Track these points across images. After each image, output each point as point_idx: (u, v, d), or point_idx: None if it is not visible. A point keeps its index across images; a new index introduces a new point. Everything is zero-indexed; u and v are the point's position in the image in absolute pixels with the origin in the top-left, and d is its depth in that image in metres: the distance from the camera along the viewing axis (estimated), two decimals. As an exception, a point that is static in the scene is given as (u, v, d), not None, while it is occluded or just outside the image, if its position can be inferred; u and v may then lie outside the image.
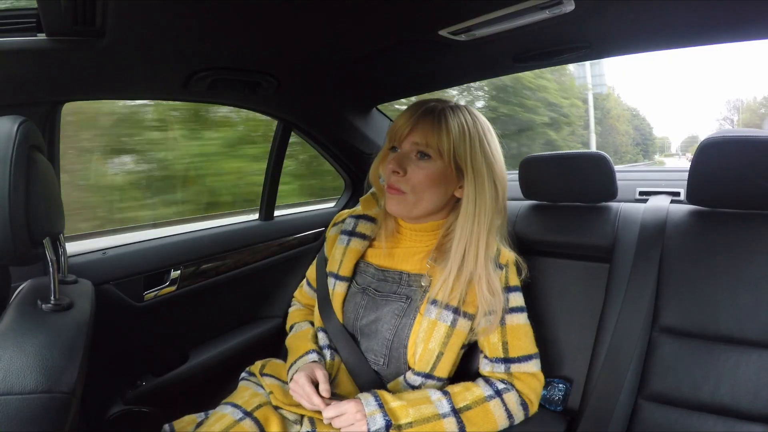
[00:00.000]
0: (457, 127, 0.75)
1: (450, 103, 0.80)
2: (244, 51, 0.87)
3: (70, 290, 0.66)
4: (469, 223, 0.76)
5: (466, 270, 0.76)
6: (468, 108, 0.80)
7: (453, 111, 0.77)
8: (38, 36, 0.69)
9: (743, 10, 0.76)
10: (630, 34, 0.88)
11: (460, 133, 0.75)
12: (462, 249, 0.76)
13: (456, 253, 0.76)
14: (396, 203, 0.80)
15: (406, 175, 0.78)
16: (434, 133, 0.75)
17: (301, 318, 0.98)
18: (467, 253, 0.76)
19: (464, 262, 0.76)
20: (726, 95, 47.46)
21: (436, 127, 0.76)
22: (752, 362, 0.77)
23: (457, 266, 0.76)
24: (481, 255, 0.76)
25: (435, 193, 0.78)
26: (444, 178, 0.78)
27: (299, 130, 1.36)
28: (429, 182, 0.77)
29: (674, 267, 0.88)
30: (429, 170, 0.77)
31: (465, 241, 0.76)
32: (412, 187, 0.78)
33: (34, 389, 0.46)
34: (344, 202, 1.65)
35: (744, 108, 23.02)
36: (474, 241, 0.76)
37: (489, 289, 0.76)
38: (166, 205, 2.14)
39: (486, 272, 0.77)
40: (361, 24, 0.81)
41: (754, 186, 0.83)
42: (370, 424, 0.68)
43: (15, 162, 0.50)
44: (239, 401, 0.80)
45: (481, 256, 0.76)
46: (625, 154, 24.43)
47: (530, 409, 0.80)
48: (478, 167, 0.76)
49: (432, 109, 0.77)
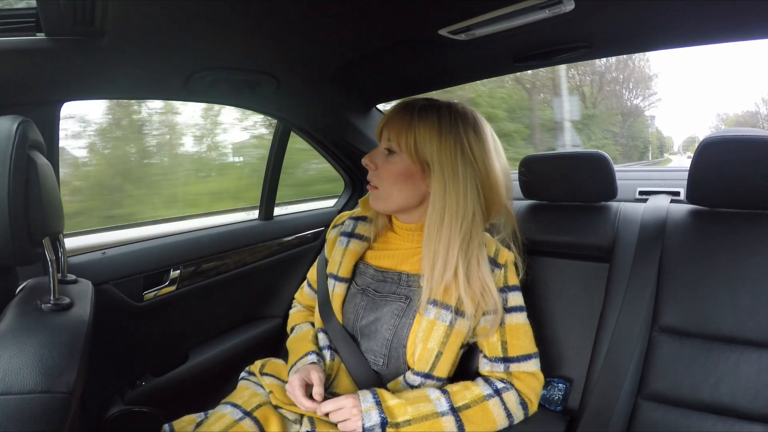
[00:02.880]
0: (423, 123, 0.76)
1: (435, 101, 0.80)
2: (244, 51, 0.87)
3: (70, 290, 0.66)
4: (437, 221, 0.75)
5: (438, 268, 0.75)
6: (452, 105, 0.79)
7: (425, 108, 0.77)
8: (38, 36, 0.69)
9: (743, 10, 0.76)
10: (630, 33, 0.88)
11: (426, 129, 0.75)
12: (432, 247, 0.75)
13: (427, 250, 0.76)
14: (373, 198, 0.83)
15: (377, 169, 0.81)
16: (401, 130, 0.77)
17: (301, 319, 0.98)
18: (437, 252, 0.75)
19: (435, 260, 0.75)
20: (715, 107, 49.12)
21: (404, 123, 0.77)
22: (752, 362, 0.77)
23: (430, 266, 0.75)
24: (452, 254, 0.74)
25: (402, 188, 0.79)
26: (409, 173, 0.78)
27: (299, 130, 1.36)
28: (394, 177, 0.79)
29: (674, 267, 0.88)
30: (394, 166, 0.79)
31: (435, 240, 0.75)
32: (381, 181, 0.80)
33: (33, 389, 0.46)
34: (344, 201, 1.65)
35: (728, 120, 24.84)
36: (444, 239, 0.74)
37: (482, 291, 0.76)
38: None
39: (469, 271, 0.76)
40: (361, 24, 0.81)
41: (753, 185, 0.83)
42: (365, 421, 0.68)
43: (15, 162, 0.50)
44: (239, 401, 0.80)
45: (452, 255, 0.74)
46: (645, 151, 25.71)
47: (530, 409, 0.79)
48: (445, 164, 0.75)
49: (405, 107, 0.79)
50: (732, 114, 26.22)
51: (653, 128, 21.97)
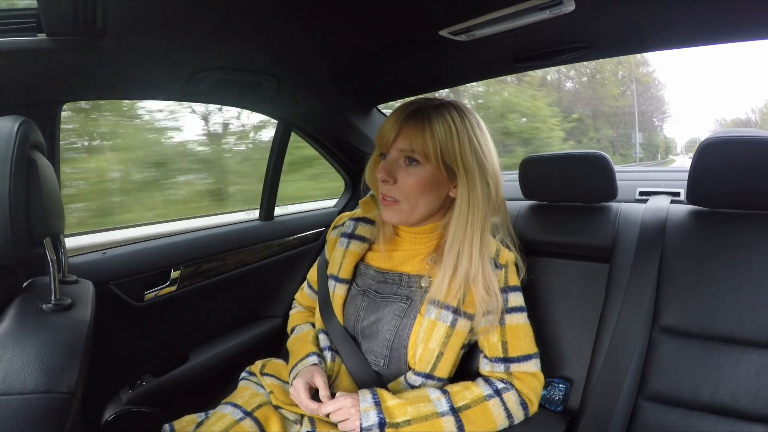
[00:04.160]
0: (442, 127, 0.74)
1: (435, 101, 0.78)
2: (244, 51, 0.87)
3: (71, 290, 0.66)
4: (463, 223, 0.75)
5: (462, 269, 0.75)
6: (455, 104, 0.78)
7: (437, 110, 0.75)
8: (39, 36, 0.69)
9: (743, 11, 0.76)
10: (630, 34, 0.88)
11: (446, 133, 0.74)
12: (456, 249, 0.75)
13: (450, 253, 0.76)
14: (392, 213, 0.79)
15: (397, 183, 0.77)
16: (419, 137, 0.74)
17: (302, 320, 0.98)
18: (461, 253, 0.75)
19: (459, 261, 0.75)
20: (714, 112, 50.92)
21: (420, 130, 0.74)
22: (752, 362, 0.77)
23: (452, 266, 0.75)
24: (476, 254, 0.75)
25: (429, 197, 0.77)
26: (436, 181, 0.77)
27: (299, 130, 1.36)
28: (421, 188, 0.76)
29: (674, 267, 0.88)
30: (419, 175, 0.75)
31: (459, 241, 0.75)
32: (405, 194, 0.77)
33: (34, 389, 0.46)
34: (344, 202, 1.65)
35: (726, 125, 28.50)
36: (468, 241, 0.75)
37: (485, 289, 0.76)
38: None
39: (483, 271, 0.76)
40: (361, 24, 0.81)
41: (754, 186, 0.83)
42: (363, 421, 0.68)
43: (15, 162, 0.50)
44: (239, 401, 0.80)
45: (476, 255, 0.75)
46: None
47: (530, 409, 0.79)
48: (468, 165, 0.74)
49: (416, 112, 0.76)
50: (729, 119, 29.66)
51: (662, 135, 29.20)
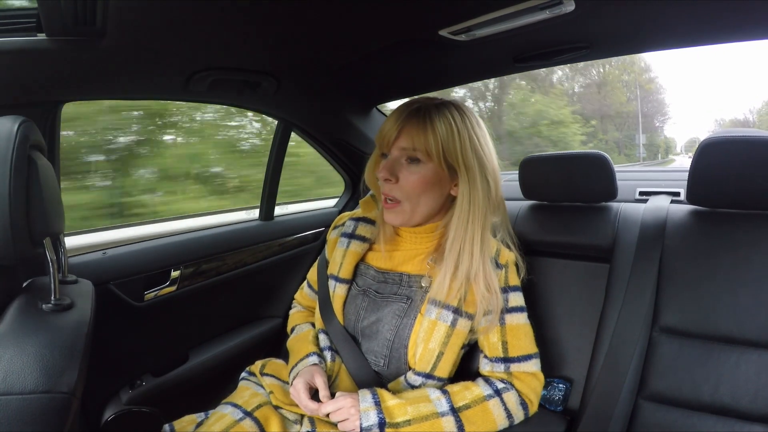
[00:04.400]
0: (443, 126, 0.74)
1: (436, 100, 0.79)
2: (244, 51, 0.87)
3: (71, 290, 0.66)
4: (464, 221, 0.75)
5: (463, 268, 0.75)
6: (455, 103, 0.79)
7: (438, 109, 0.76)
8: (38, 36, 0.69)
9: (743, 11, 0.76)
10: (630, 34, 0.88)
11: (447, 131, 0.74)
12: (457, 247, 0.76)
13: (451, 251, 0.76)
14: (394, 215, 0.79)
15: (399, 182, 0.77)
16: (421, 135, 0.74)
17: (301, 320, 0.98)
18: (462, 251, 0.75)
19: (460, 260, 0.75)
20: (713, 112, 51.55)
21: (422, 128, 0.74)
22: (752, 362, 0.77)
23: (453, 265, 0.76)
24: (477, 252, 0.75)
25: (431, 196, 0.78)
26: (437, 180, 0.77)
27: (299, 130, 1.36)
28: (423, 186, 0.76)
29: (674, 267, 0.88)
30: (421, 174, 0.76)
31: (460, 239, 0.75)
32: (407, 193, 0.77)
33: (34, 389, 0.46)
34: (344, 202, 1.65)
35: (725, 125, 29.56)
36: (469, 239, 0.75)
37: (486, 286, 0.76)
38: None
39: (483, 269, 0.76)
40: (360, 24, 0.81)
41: (754, 186, 0.83)
42: (363, 420, 0.68)
43: (15, 162, 0.50)
44: (239, 401, 0.80)
45: (477, 253, 0.75)
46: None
47: (530, 409, 0.79)
48: (469, 163, 0.75)
49: (417, 111, 0.76)
50: (728, 120, 30.77)
51: (662, 136, 31.20)
